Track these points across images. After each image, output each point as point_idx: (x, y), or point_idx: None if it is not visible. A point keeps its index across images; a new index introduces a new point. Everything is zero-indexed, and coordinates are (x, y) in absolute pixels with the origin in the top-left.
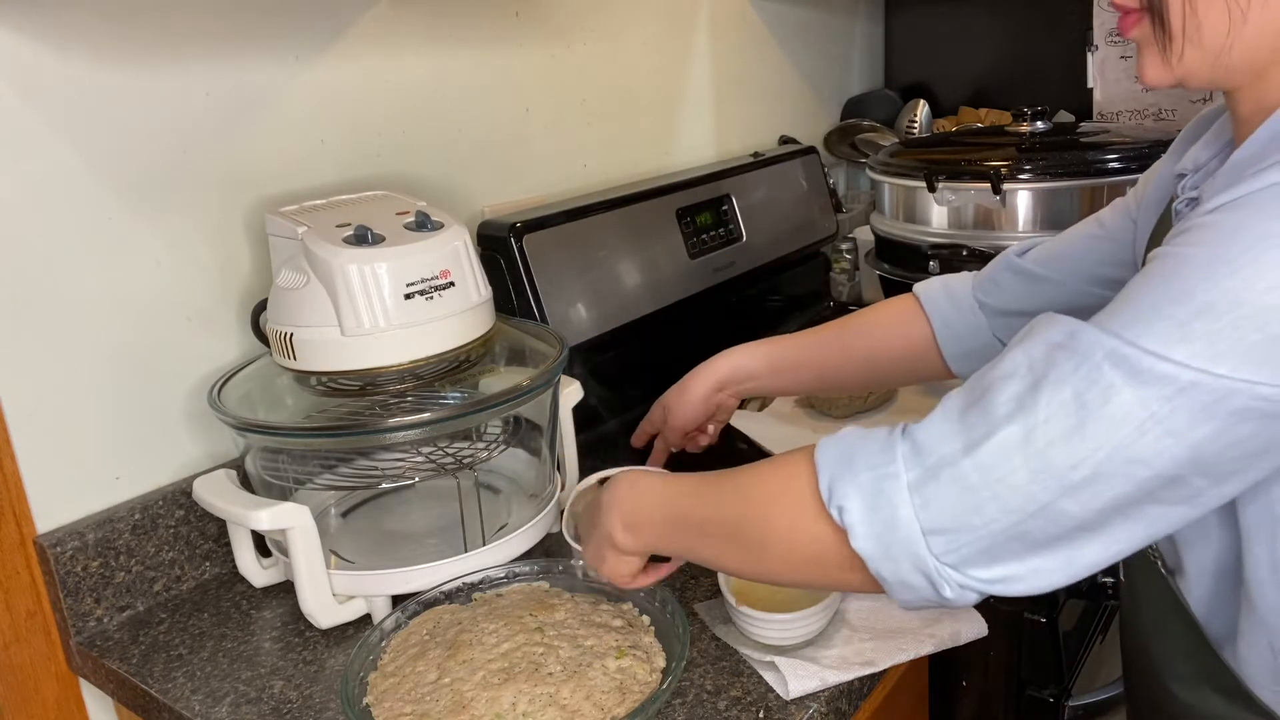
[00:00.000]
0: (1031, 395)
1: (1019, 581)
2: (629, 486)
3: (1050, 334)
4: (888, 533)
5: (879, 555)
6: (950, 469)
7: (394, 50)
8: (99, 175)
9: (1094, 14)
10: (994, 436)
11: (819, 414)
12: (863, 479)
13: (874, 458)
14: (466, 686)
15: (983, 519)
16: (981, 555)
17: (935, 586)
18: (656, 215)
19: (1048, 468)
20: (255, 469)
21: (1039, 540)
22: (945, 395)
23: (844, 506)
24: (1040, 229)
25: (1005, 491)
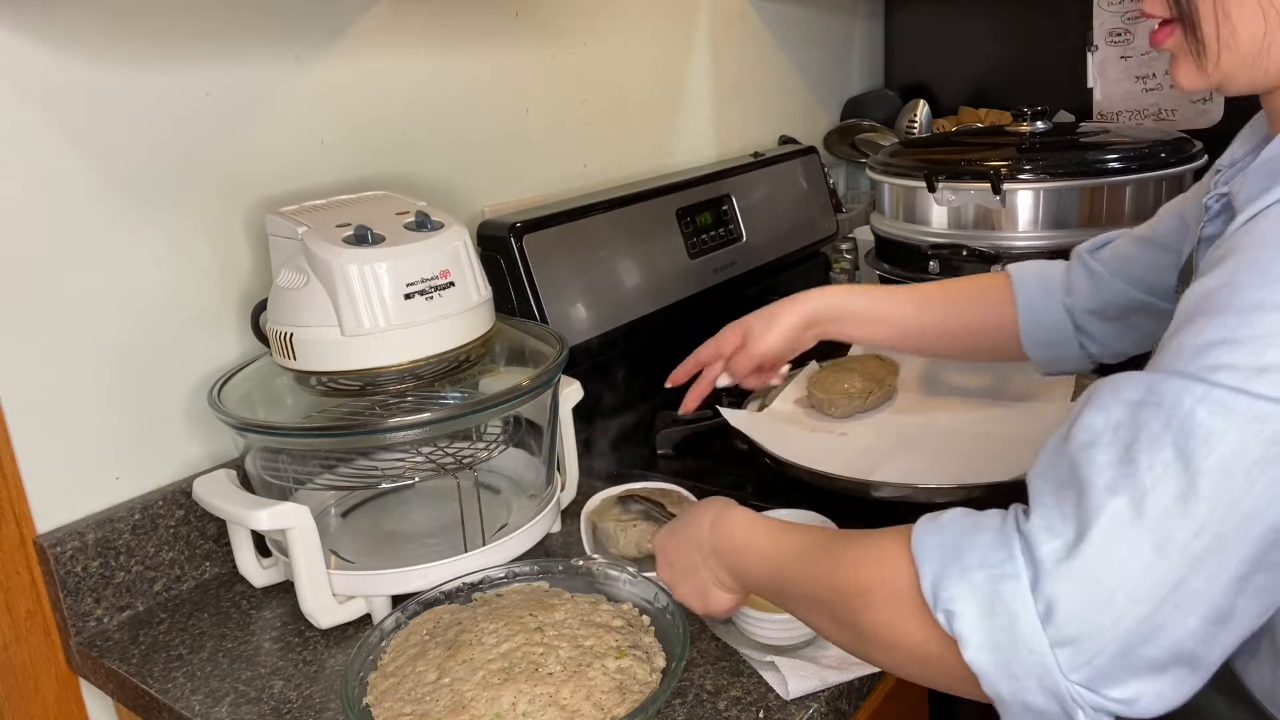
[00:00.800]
0: (1128, 461)
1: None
2: (727, 534)
3: (1126, 392)
4: (1008, 645)
5: (997, 672)
6: (1066, 563)
7: (394, 50)
8: (99, 175)
9: (1094, 14)
10: (1102, 514)
11: (819, 414)
12: (976, 579)
13: (988, 553)
14: (466, 686)
15: (1112, 617)
16: (1117, 666)
17: (1066, 710)
18: (656, 215)
19: (1169, 538)
20: (255, 469)
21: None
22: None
23: (953, 612)
24: (1040, 229)
25: (1130, 578)
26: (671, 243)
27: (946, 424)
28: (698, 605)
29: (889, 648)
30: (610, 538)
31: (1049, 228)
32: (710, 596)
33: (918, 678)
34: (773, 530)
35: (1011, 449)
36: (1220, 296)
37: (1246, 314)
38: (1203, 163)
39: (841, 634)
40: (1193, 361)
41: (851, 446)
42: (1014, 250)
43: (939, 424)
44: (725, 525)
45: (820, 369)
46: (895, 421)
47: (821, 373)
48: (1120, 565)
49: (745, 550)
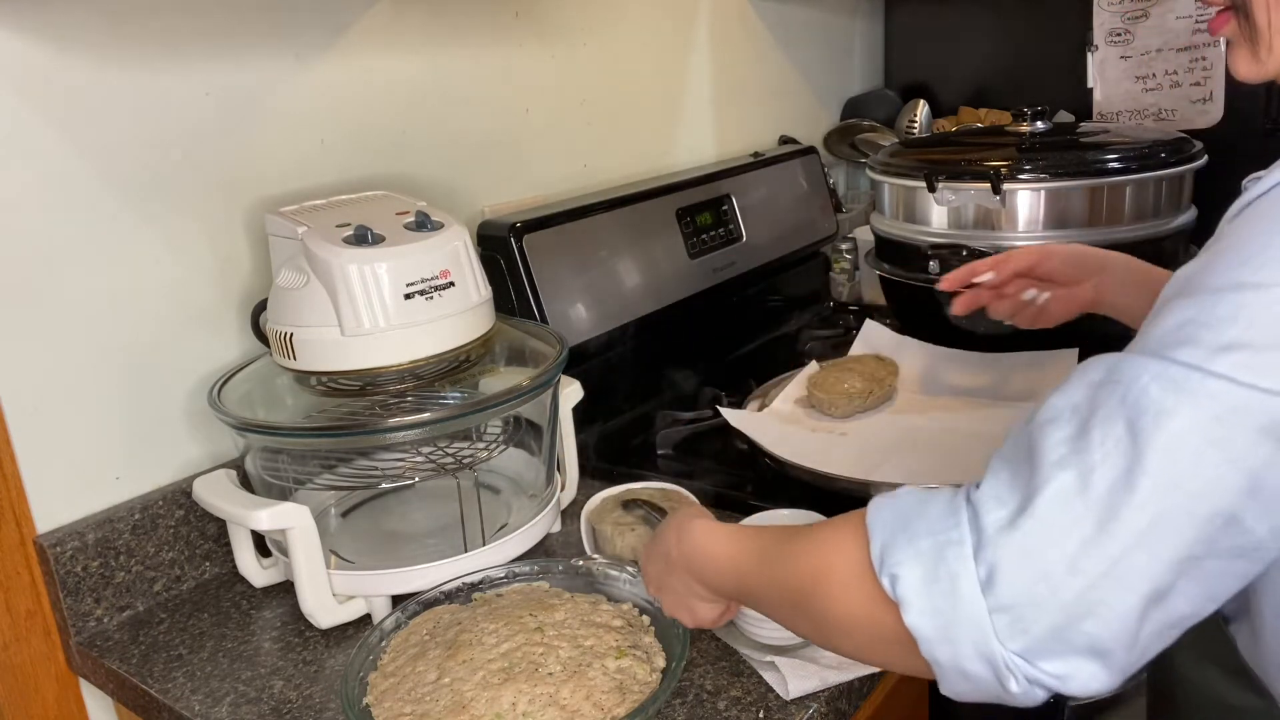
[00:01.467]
0: (1082, 437)
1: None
2: (689, 545)
3: (1089, 374)
4: (948, 609)
5: (936, 636)
6: (1010, 534)
7: (394, 50)
8: (99, 175)
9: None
10: (1048, 486)
11: (819, 414)
12: (922, 545)
13: (935, 521)
14: (466, 686)
15: (1050, 587)
16: (1053, 639)
17: (1000, 678)
18: (656, 215)
19: (1113, 513)
20: (255, 469)
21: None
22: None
23: (897, 575)
24: (1041, 229)
25: (1072, 551)
26: (671, 243)
27: (946, 424)
28: (686, 619)
29: (847, 628)
30: (608, 541)
31: (1049, 228)
32: (695, 610)
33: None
34: (730, 534)
35: None
36: (1196, 279)
37: (1219, 294)
38: (1203, 163)
39: (806, 625)
40: (1158, 341)
41: (851, 446)
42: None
43: (939, 424)
44: (687, 537)
45: (820, 369)
46: (895, 421)
47: (821, 373)
48: (1062, 536)
49: (708, 558)
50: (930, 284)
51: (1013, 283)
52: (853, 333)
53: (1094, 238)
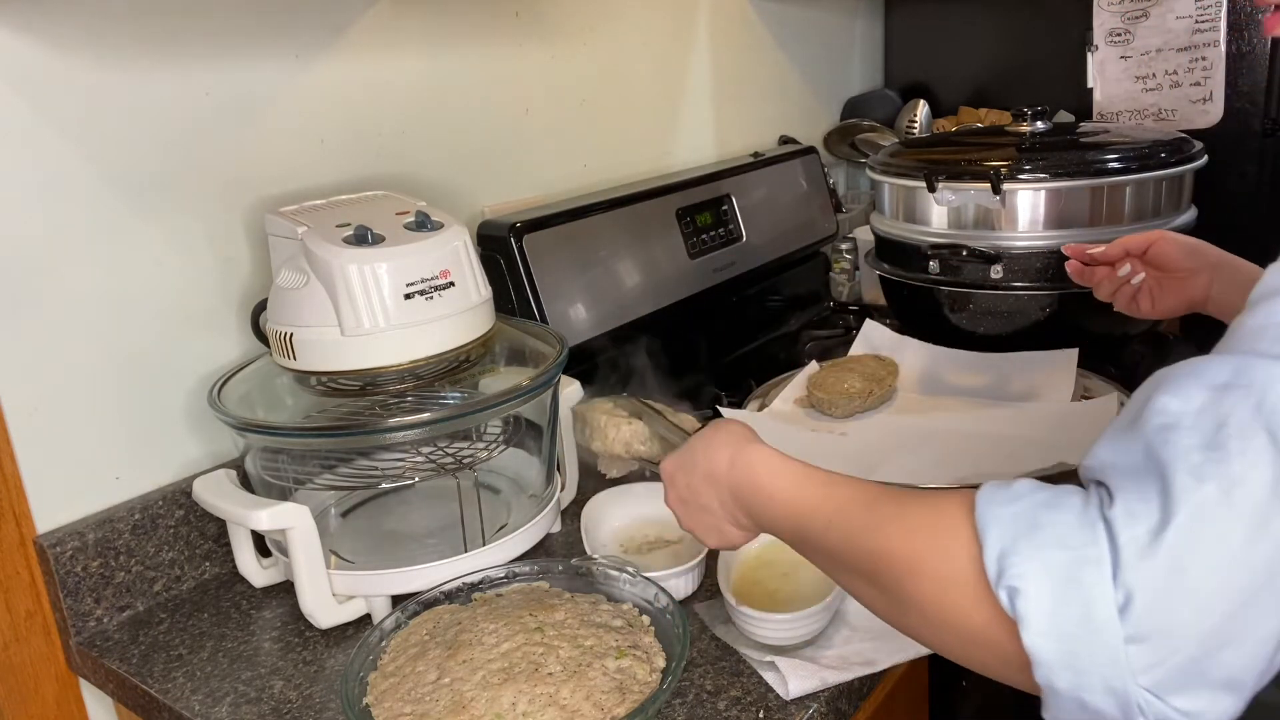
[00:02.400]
0: (1218, 447)
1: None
2: (748, 475)
3: (1208, 375)
4: (1078, 634)
5: (1058, 662)
6: (1149, 551)
7: (394, 50)
8: (99, 175)
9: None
10: (1189, 502)
11: (819, 414)
12: (1052, 559)
13: (1068, 532)
14: (466, 686)
15: (1195, 610)
16: (1191, 670)
17: (1126, 714)
18: (656, 215)
19: (1264, 528)
20: (255, 469)
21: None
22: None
23: (1018, 589)
24: (1041, 229)
25: (1220, 567)
26: (671, 243)
27: (946, 424)
28: (712, 541)
29: (935, 623)
30: (599, 431)
31: (1049, 228)
32: (725, 533)
33: (959, 656)
34: (799, 479)
35: (1011, 449)
36: None
37: None
38: (1203, 163)
39: (876, 598)
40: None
41: (851, 446)
42: (1014, 250)
43: (939, 424)
44: (744, 465)
45: (820, 369)
46: (895, 421)
47: (821, 373)
48: (1209, 553)
49: (769, 497)
50: (930, 284)
51: (1122, 261)
52: (853, 333)
53: (1094, 238)
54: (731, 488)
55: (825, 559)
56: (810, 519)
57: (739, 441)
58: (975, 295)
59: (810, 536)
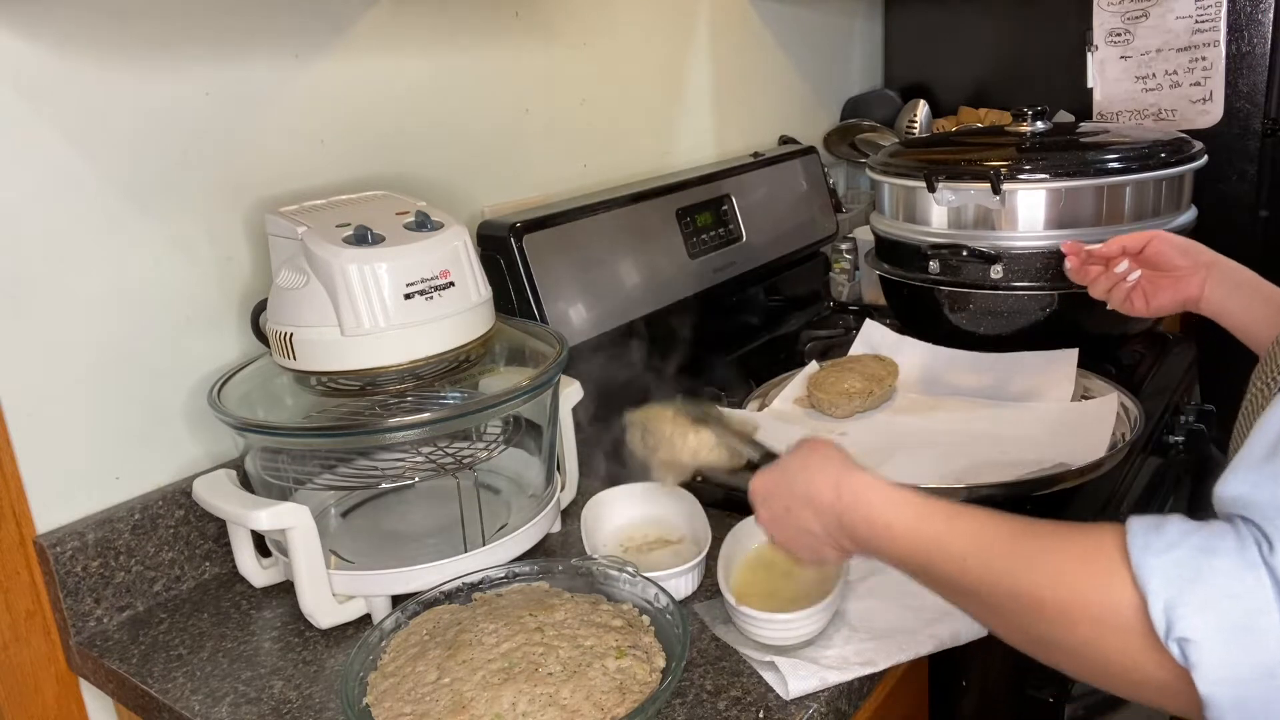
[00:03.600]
0: None
1: None
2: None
3: None
4: (1255, 680)
5: (1232, 705)
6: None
7: (394, 50)
8: (99, 175)
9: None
10: None
11: (819, 414)
12: (1222, 608)
13: (1232, 581)
14: (466, 686)
15: None
16: None
17: None
18: (656, 215)
19: None
20: (255, 469)
21: None
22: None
23: (1191, 641)
24: (1041, 229)
25: None
26: (671, 243)
27: (946, 424)
28: (806, 556)
29: (1090, 662)
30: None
31: (1049, 228)
32: (824, 555)
33: (1115, 690)
34: (919, 509)
35: (1012, 449)
36: None
37: None
38: (1203, 163)
39: (1019, 639)
40: None
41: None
42: (1014, 250)
43: (939, 424)
44: (852, 494)
45: (820, 369)
46: (895, 421)
47: (821, 373)
48: None
49: (887, 527)
50: (930, 284)
51: (1119, 259)
52: (853, 333)
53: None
54: (839, 516)
55: (955, 593)
56: (941, 554)
57: (840, 469)
58: (975, 295)
59: (939, 572)
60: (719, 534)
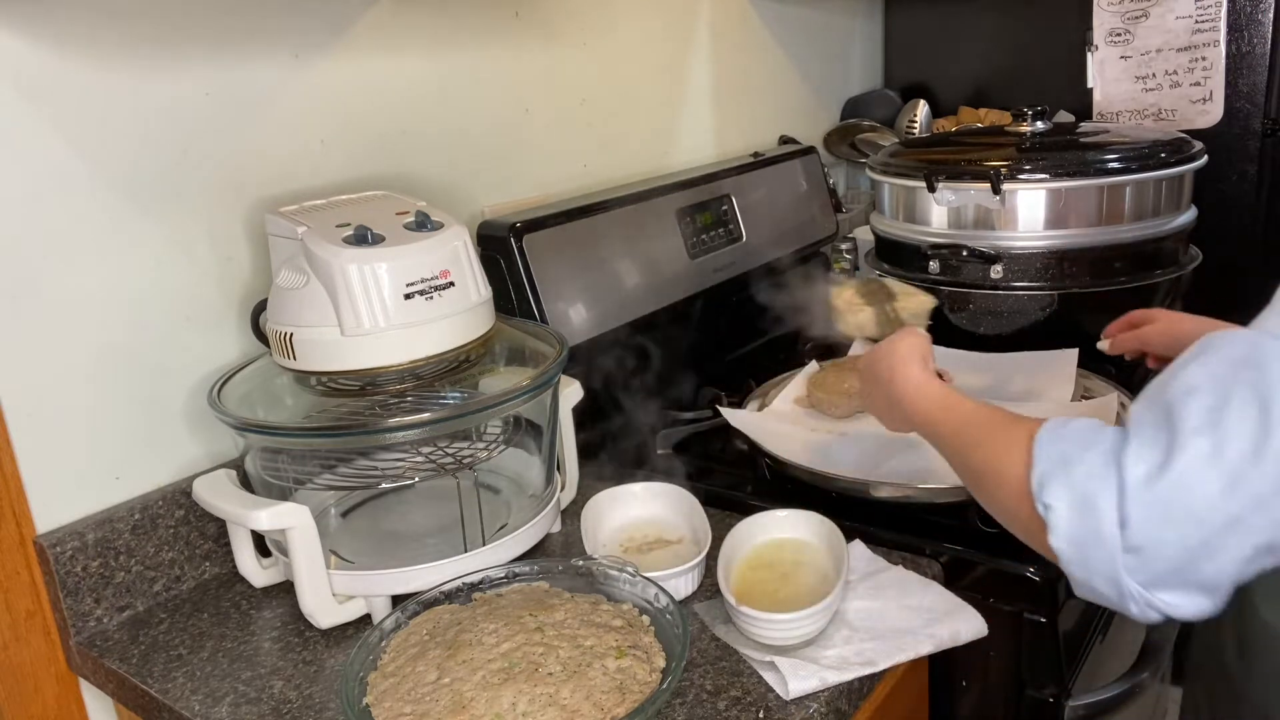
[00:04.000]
0: (1220, 410)
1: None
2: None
3: (1230, 349)
4: (1090, 542)
5: (1074, 559)
6: (1149, 491)
7: (394, 50)
8: (99, 175)
9: (1094, 14)
10: (1186, 450)
11: (819, 414)
12: (1076, 485)
13: (1092, 467)
14: (466, 686)
15: (1176, 535)
16: (1171, 578)
17: (1122, 601)
18: (656, 215)
19: (1237, 482)
20: (255, 469)
21: (1224, 562)
22: (1131, 411)
23: (1050, 506)
24: (1040, 229)
25: (1202, 510)
26: (671, 243)
27: None
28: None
29: (1003, 511)
30: (839, 316)
31: (1049, 228)
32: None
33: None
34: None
35: None
36: None
37: None
38: (1203, 163)
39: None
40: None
41: (851, 446)
42: (1014, 250)
43: None
44: (901, 381)
45: (820, 369)
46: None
47: (821, 373)
48: (1191, 495)
49: (913, 410)
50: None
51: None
52: None
53: (1094, 238)
54: (888, 395)
55: (948, 459)
56: (937, 432)
57: (900, 360)
58: (975, 295)
59: (937, 444)
60: (719, 534)
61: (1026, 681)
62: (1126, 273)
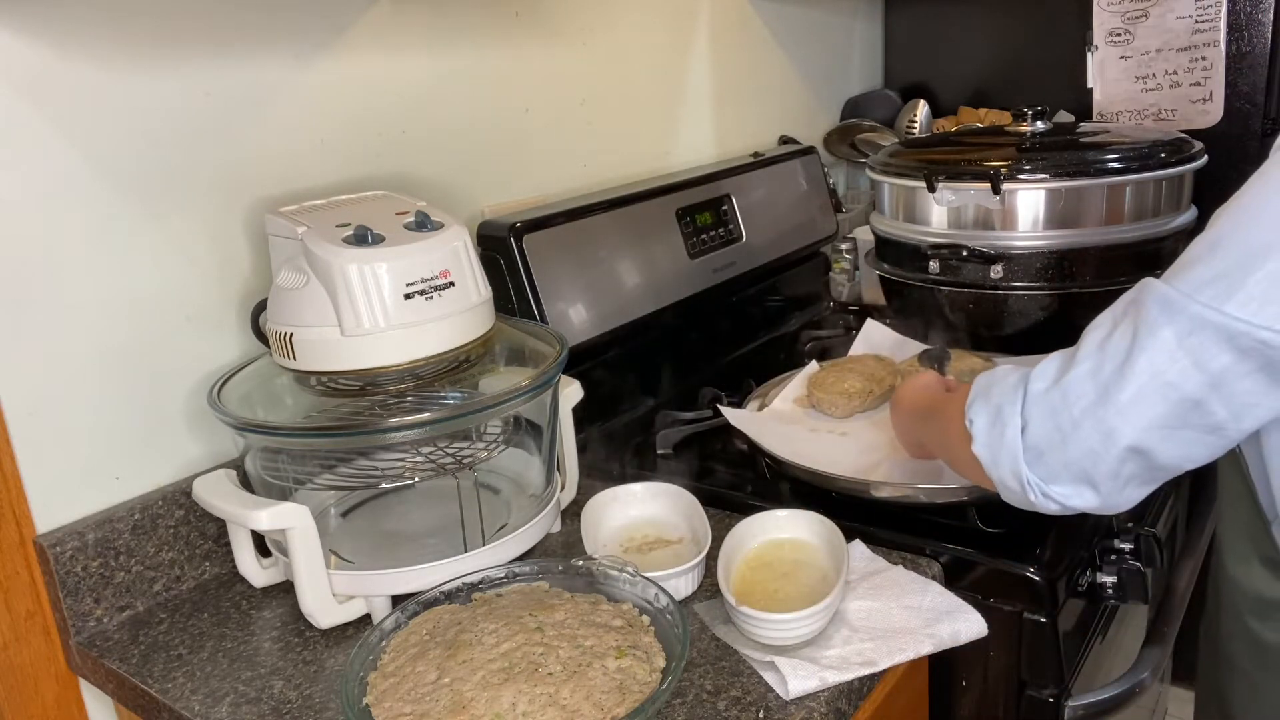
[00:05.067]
0: (1108, 339)
1: (1085, 501)
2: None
3: (1130, 293)
4: (998, 445)
5: (990, 461)
6: (1043, 398)
7: (394, 50)
8: (99, 175)
9: (1094, 14)
10: (1075, 369)
11: (819, 414)
12: (992, 402)
13: (1005, 389)
14: (466, 686)
15: (1061, 436)
16: (1062, 472)
17: (1025, 491)
18: (656, 215)
19: (1106, 391)
20: (255, 469)
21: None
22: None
23: (973, 420)
24: (1040, 229)
25: (1078, 413)
26: (671, 243)
27: None
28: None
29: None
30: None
31: (1049, 228)
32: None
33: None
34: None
35: None
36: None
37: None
38: (1203, 163)
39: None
40: (1172, 269)
41: (851, 446)
42: (1014, 250)
43: None
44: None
45: (820, 369)
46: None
47: (821, 373)
48: (1071, 402)
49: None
50: (930, 284)
51: None
52: (853, 333)
53: (1094, 237)
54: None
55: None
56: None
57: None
58: (975, 295)
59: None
60: (719, 534)
61: (1026, 681)
62: (1126, 273)
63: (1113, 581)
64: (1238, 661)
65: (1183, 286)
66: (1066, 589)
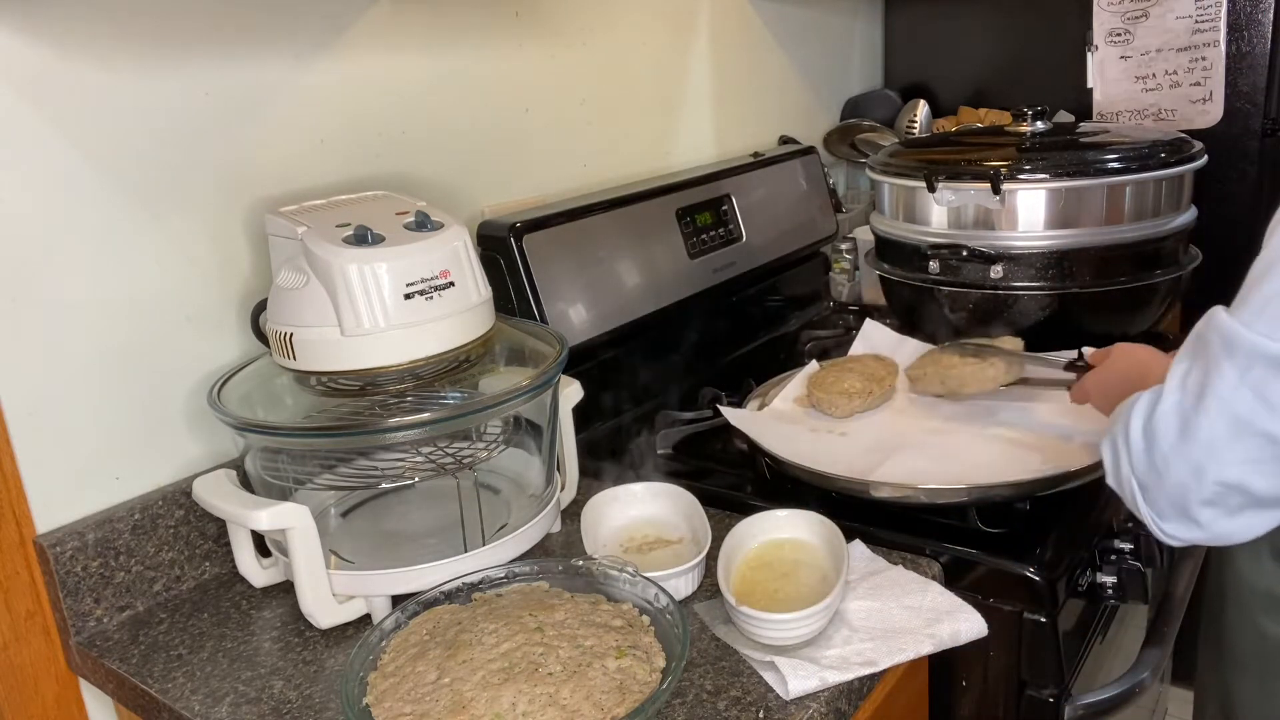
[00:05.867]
0: (1188, 374)
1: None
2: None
3: (1200, 324)
4: (1119, 482)
5: (1120, 494)
6: (1141, 435)
7: (394, 50)
8: (99, 175)
9: (1094, 14)
10: (1161, 405)
11: (819, 414)
12: (1114, 433)
13: (1120, 423)
14: (466, 686)
15: (1157, 474)
16: (1167, 508)
17: (1150, 526)
18: (656, 215)
19: (1187, 427)
20: (255, 469)
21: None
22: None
23: (1104, 453)
24: (1040, 229)
25: (1167, 449)
26: (671, 243)
27: (946, 424)
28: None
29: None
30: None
31: (1049, 228)
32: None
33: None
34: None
35: (1011, 449)
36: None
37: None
38: (1203, 163)
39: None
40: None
41: (851, 446)
42: (1014, 250)
43: (939, 424)
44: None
45: (820, 369)
46: (895, 421)
47: (821, 373)
48: (1161, 442)
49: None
50: (930, 284)
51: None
52: (853, 333)
53: (1094, 238)
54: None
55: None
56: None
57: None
58: (975, 295)
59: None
60: (719, 534)
61: (1026, 681)
62: (1126, 273)
63: (1113, 581)
64: (1244, 660)
65: (1242, 315)
66: (1066, 589)
